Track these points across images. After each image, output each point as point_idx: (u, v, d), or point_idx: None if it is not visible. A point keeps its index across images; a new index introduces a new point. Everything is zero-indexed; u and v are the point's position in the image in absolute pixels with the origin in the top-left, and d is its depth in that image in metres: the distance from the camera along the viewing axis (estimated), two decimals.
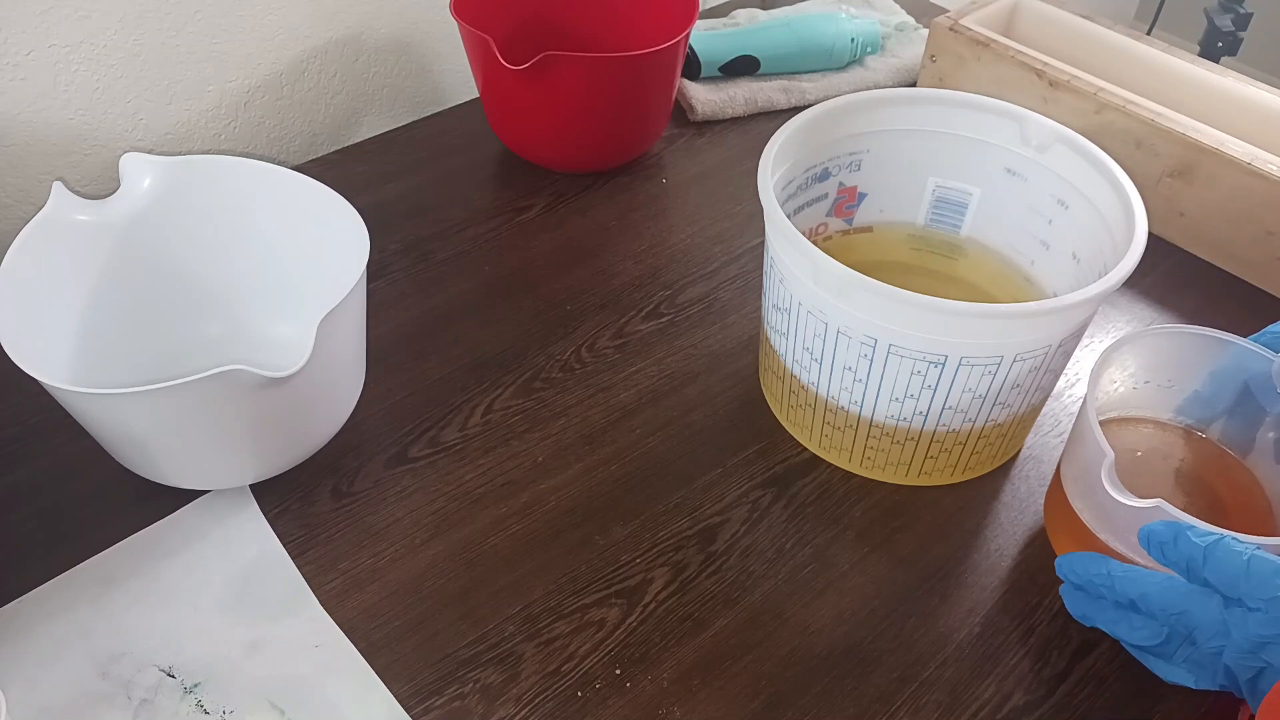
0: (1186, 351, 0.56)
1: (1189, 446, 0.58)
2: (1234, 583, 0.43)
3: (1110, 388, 0.57)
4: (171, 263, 0.63)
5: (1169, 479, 0.57)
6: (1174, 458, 0.57)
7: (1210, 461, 0.57)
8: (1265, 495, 0.55)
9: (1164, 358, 0.56)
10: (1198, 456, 0.57)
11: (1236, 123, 0.76)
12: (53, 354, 0.57)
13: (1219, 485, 0.56)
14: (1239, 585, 0.43)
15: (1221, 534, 0.44)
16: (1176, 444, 0.58)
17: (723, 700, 0.51)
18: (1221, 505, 0.55)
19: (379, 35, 0.87)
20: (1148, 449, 0.58)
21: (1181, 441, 0.58)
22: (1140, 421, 0.58)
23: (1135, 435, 0.58)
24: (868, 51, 0.94)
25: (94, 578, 0.55)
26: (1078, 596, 0.51)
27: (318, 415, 0.58)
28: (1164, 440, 0.58)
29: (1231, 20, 1.45)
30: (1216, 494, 0.55)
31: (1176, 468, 0.57)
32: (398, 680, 0.51)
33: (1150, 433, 0.58)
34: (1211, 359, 0.55)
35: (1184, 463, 0.57)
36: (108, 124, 0.75)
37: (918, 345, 0.52)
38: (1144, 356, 0.56)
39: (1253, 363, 0.54)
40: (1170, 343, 0.56)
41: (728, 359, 0.68)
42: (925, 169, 0.65)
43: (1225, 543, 0.44)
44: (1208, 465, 0.57)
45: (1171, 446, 0.58)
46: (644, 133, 0.82)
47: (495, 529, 0.58)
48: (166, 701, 0.50)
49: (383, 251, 0.75)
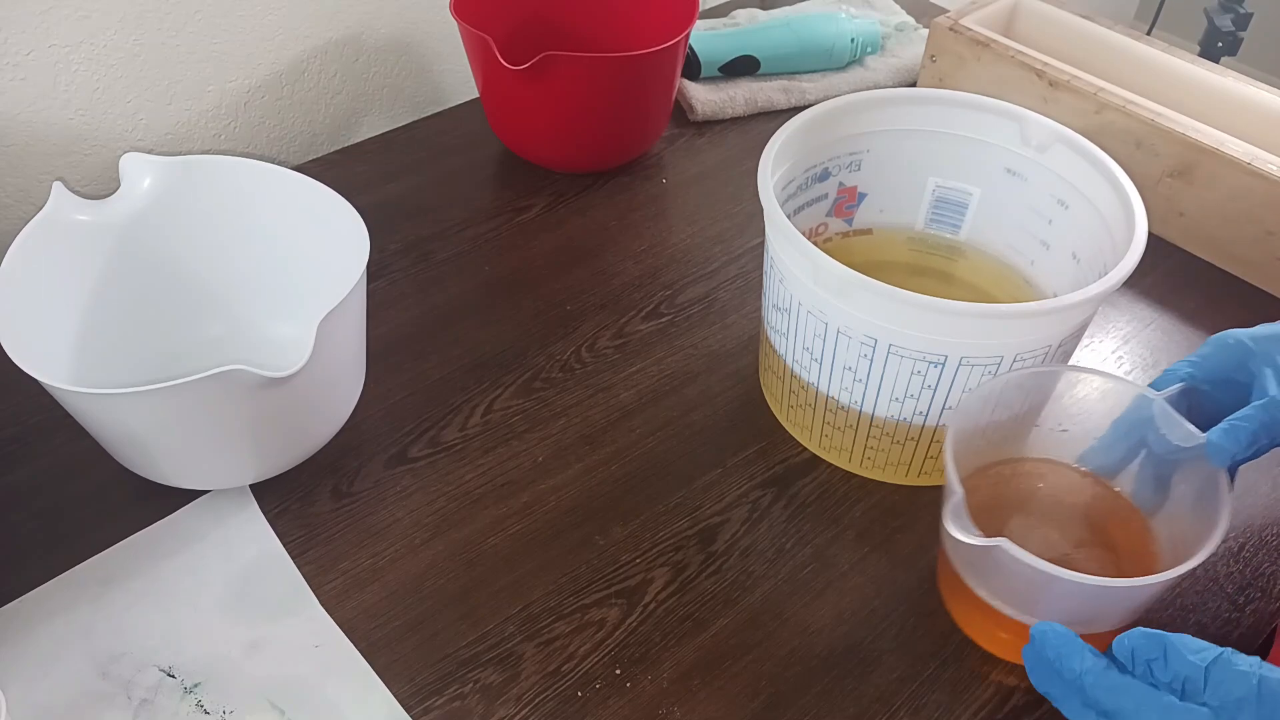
0: (1090, 397, 0.53)
1: (1087, 491, 0.55)
2: (1240, 708, 0.38)
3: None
4: (171, 263, 0.63)
5: (1058, 523, 0.54)
6: (1065, 503, 0.54)
7: (1102, 504, 0.54)
8: (1156, 541, 0.52)
9: (1037, 398, 0.53)
10: (1094, 501, 0.54)
11: (1236, 123, 0.76)
12: (53, 354, 0.57)
13: (1115, 533, 0.53)
14: (1247, 711, 0.38)
15: (1218, 650, 0.39)
16: (1073, 489, 0.55)
17: (723, 700, 0.51)
18: (1115, 549, 0.53)
19: (379, 35, 0.87)
20: (1041, 492, 0.55)
21: (1081, 486, 0.55)
22: (1041, 463, 0.56)
23: (1030, 477, 0.56)
24: (868, 51, 0.94)
25: (94, 578, 0.55)
26: (1042, 670, 0.43)
27: (318, 415, 0.58)
28: (1061, 484, 0.55)
29: (1231, 20, 1.45)
30: (1111, 540, 0.53)
31: (1068, 514, 0.54)
32: (398, 680, 0.51)
33: (1048, 473, 0.55)
34: (1109, 406, 0.53)
35: (1077, 508, 0.54)
36: (108, 124, 0.75)
37: (918, 345, 0.52)
38: (1019, 395, 0.53)
39: (1146, 409, 0.51)
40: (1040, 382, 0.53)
41: (728, 359, 0.68)
42: (925, 169, 0.65)
43: (1225, 659, 0.38)
44: (1102, 511, 0.54)
45: (1066, 492, 0.55)
46: (644, 133, 0.82)
47: (495, 529, 0.58)
48: (166, 701, 0.50)
49: (383, 251, 0.75)
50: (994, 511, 0.54)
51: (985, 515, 0.52)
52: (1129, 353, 0.70)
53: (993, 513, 0.54)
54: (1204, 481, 0.48)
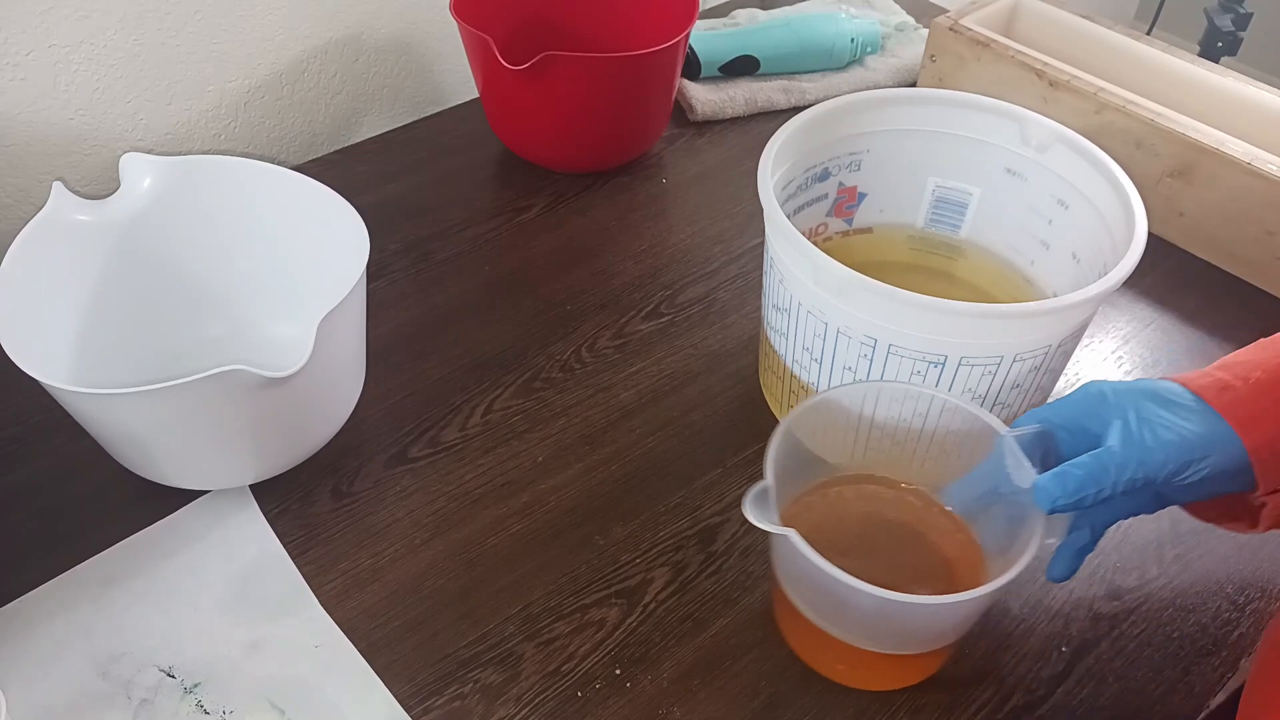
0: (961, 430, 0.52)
1: (938, 522, 0.54)
2: None
3: None
4: (171, 263, 0.63)
5: (902, 552, 0.53)
6: (914, 532, 0.54)
7: (950, 540, 0.53)
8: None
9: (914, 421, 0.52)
10: (942, 535, 0.53)
11: (1236, 123, 0.76)
12: (53, 354, 0.57)
13: (960, 573, 0.52)
14: None
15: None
16: (923, 518, 0.54)
17: (723, 700, 0.51)
18: (947, 564, 0.52)
19: (379, 35, 0.87)
20: (893, 518, 0.54)
21: (932, 516, 0.54)
22: (910, 491, 0.55)
23: (892, 504, 0.55)
24: (868, 51, 0.94)
25: (94, 578, 0.55)
26: None
27: (318, 415, 0.58)
28: (913, 514, 0.54)
29: (1231, 20, 1.45)
30: (955, 578, 0.52)
31: (913, 543, 0.54)
32: (398, 680, 0.51)
33: (914, 503, 0.55)
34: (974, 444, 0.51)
35: (923, 539, 0.54)
36: (108, 124, 0.75)
37: (918, 345, 0.52)
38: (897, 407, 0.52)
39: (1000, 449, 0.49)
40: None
41: (728, 359, 0.68)
42: (925, 169, 0.65)
43: None
44: (953, 546, 0.53)
45: (919, 520, 0.54)
46: (644, 133, 0.82)
47: (495, 529, 0.58)
48: (166, 701, 0.50)
49: (383, 251, 0.75)
50: (846, 528, 0.54)
51: (836, 529, 0.53)
52: (1129, 353, 0.70)
53: (843, 529, 0.53)
54: (1028, 525, 0.46)
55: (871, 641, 0.48)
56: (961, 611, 0.47)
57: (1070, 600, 0.56)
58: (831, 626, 0.49)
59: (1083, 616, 0.55)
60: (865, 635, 0.48)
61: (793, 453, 0.51)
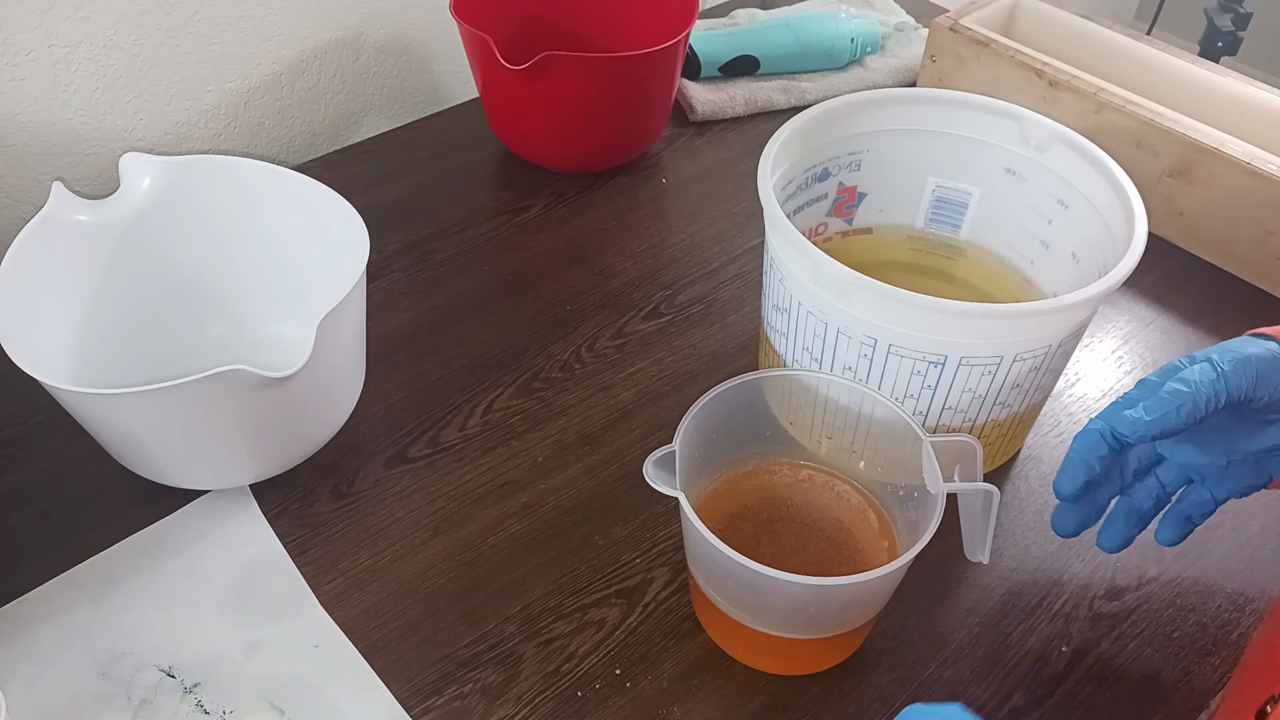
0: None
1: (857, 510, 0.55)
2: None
3: None
4: (171, 263, 0.63)
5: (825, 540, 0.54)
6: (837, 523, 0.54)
7: (870, 530, 0.54)
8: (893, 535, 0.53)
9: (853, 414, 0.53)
10: (862, 523, 0.54)
11: (1236, 123, 0.76)
12: (53, 354, 0.57)
13: (855, 527, 0.53)
14: None
15: None
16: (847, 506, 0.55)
17: (723, 700, 0.51)
18: (855, 544, 0.53)
19: (379, 35, 0.87)
20: (823, 506, 0.55)
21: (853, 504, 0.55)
22: (841, 480, 0.56)
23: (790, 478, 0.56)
24: (868, 51, 0.94)
25: (94, 578, 0.55)
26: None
27: (318, 415, 0.58)
28: (840, 503, 0.55)
29: (1231, 20, 1.45)
30: (852, 536, 0.53)
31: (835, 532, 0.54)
32: (398, 680, 0.51)
33: (845, 493, 0.56)
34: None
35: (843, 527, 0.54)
36: (108, 124, 0.75)
37: (918, 345, 0.52)
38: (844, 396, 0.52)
39: None
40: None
41: (728, 359, 0.68)
42: (925, 169, 0.65)
43: None
44: (868, 536, 0.54)
45: (844, 510, 0.55)
46: (644, 133, 0.82)
47: (495, 529, 0.58)
48: (166, 701, 0.50)
49: (383, 251, 0.75)
50: (773, 509, 0.55)
51: (765, 509, 0.54)
52: (1129, 353, 0.70)
53: (770, 509, 0.55)
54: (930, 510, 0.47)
55: (755, 618, 0.48)
56: (845, 595, 0.46)
57: (1070, 600, 0.56)
58: (719, 597, 0.49)
59: (1083, 616, 0.55)
60: (746, 610, 0.48)
61: (722, 428, 0.52)
